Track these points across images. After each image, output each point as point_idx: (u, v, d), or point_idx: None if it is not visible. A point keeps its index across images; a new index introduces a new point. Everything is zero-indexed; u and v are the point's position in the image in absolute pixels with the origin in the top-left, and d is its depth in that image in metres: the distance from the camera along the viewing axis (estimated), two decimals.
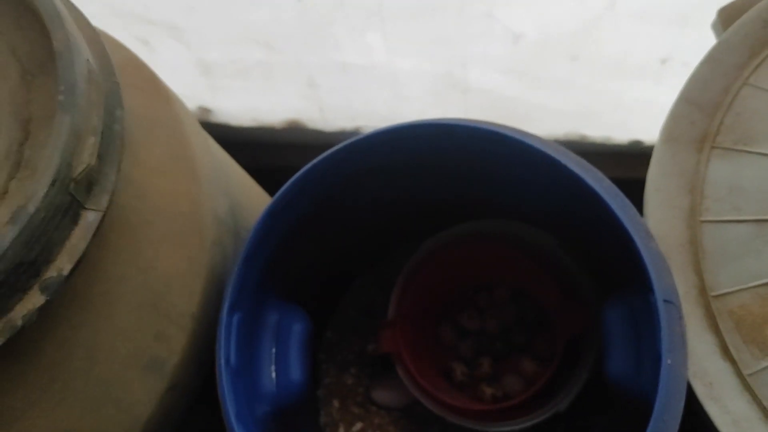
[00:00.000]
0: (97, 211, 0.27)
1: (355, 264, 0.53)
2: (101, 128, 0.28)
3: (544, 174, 0.36)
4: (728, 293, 0.33)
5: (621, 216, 0.33)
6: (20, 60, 0.29)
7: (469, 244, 0.49)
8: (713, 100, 0.37)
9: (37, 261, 0.26)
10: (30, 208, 0.25)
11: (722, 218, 0.34)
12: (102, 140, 0.28)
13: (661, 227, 0.35)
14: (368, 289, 0.54)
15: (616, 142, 0.60)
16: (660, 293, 0.31)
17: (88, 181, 0.28)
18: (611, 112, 0.55)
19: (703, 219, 0.35)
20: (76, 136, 0.27)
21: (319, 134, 0.60)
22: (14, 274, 0.26)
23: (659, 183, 0.36)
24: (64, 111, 0.27)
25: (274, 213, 0.36)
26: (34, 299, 0.27)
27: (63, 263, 0.27)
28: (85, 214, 0.27)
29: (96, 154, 0.28)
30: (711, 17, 0.42)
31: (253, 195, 0.49)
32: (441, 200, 0.46)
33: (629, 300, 0.35)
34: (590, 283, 0.44)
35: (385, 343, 0.47)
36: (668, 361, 0.31)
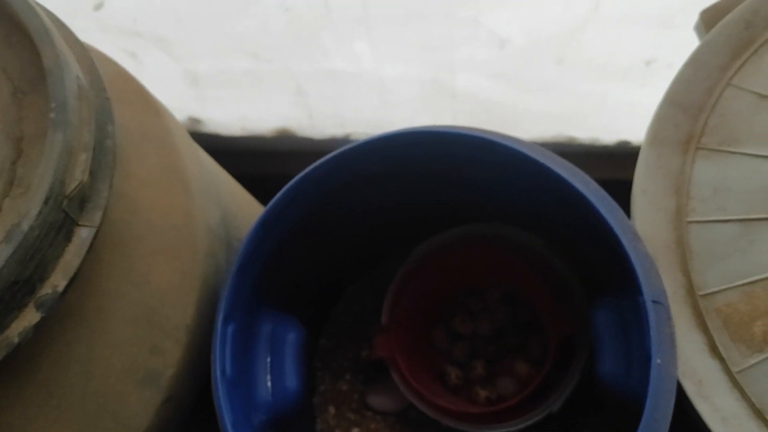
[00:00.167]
0: (90, 227, 0.28)
1: (348, 271, 0.53)
2: (93, 144, 0.28)
3: (531, 178, 0.36)
4: (715, 292, 0.34)
5: (609, 218, 0.33)
6: (11, 78, 0.30)
7: (461, 248, 0.49)
8: (697, 101, 0.38)
9: (31, 278, 0.26)
10: (24, 227, 0.25)
11: (708, 218, 0.35)
12: (94, 156, 0.28)
13: (648, 228, 0.36)
14: (362, 295, 0.54)
15: (604, 143, 0.60)
16: (648, 294, 0.32)
17: (81, 198, 0.28)
18: (598, 114, 0.55)
19: (690, 219, 0.35)
20: (69, 153, 0.27)
21: (309, 142, 0.60)
22: (9, 292, 0.26)
23: (645, 185, 0.37)
24: (55, 129, 0.27)
25: (266, 223, 0.36)
26: (30, 316, 0.27)
27: (57, 280, 0.27)
28: (78, 231, 0.28)
29: (88, 170, 0.28)
30: (694, 19, 0.43)
31: (245, 205, 0.49)
32: (433, 205, 0.46)
33: (618, 301, 0.36)
34: (580, 284, 0.44)
35: (380, 348, 0.47)
36: (658, 361, 0.31)
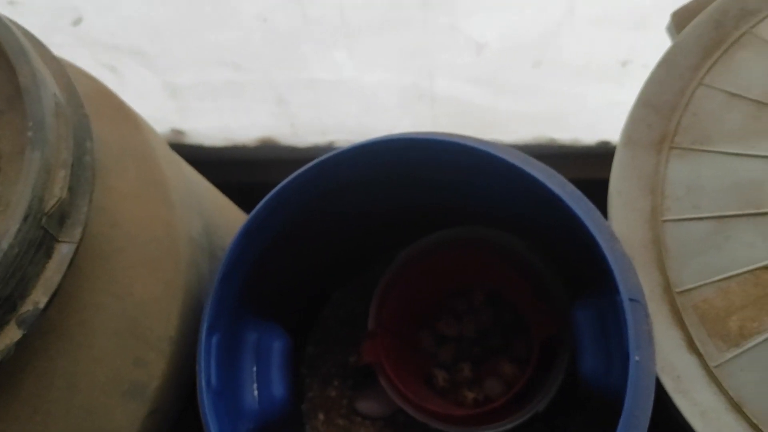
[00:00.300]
0: (70, 243, 0.28)
1: (334, 277, 0.53)
2: (71, 161, 0.28)
3: (509, 182, 0.37)
4: (692, 289, 0.34)
5: (585, 220, 0.34)
6: None
7: (444, 251, 0.49)
8: (670, 101, 0.38)
9: (12, 296, 0.27)
10: (3, 245, 0.26)
11: (683, 217, 0.35)
12: (73, 173, 0.29)
13: (624, 228, 0.36)
14: (348, 300, 0.54)
15: (585, 143, 0.61)
16: (625, 293, 0.32)
17: (61, 215, 0.28)
18: (577, 115, 0.56)
19: (665, 218, 0.36)
20: (47, 170, 0.28)
21: (292, 150, 0.60)
22: None
23: (621, 186, 0.37)
24: (33, 147, 0.27)
25: (248, 233, 0.36)
26: (12, 334, 0.27)
27: (39, 297, 0.27)
28: (58, 247, 0.28)
29: (67, 187, 0.28)
30: (667, 20, 0.43)
31: (228, 214, 0.50)
32: (415, 210, 0.46)
33: (598, 301, 0.36)
34: (561, 284, 0.45)
35: (366, 354, 0.48)
36: (636, 358, 0.32)
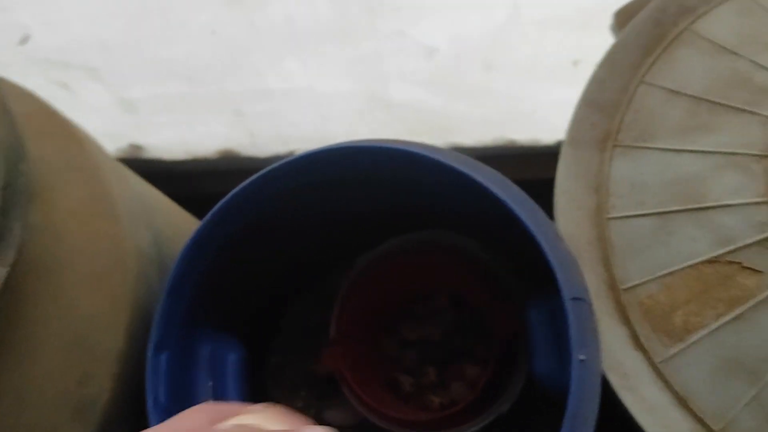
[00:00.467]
0: (2, 267, 0.28)
1: (295, 285, 0.53)
2: (2, 185, 0.28)
3: (455, 186, 0.37)
4: (636, 285, 0.34)
5: (527, 221, 0.34)
6: None
7: (402, 256, 0.50)
8: (612, 100, 0.38)
9: None
10: None
11: (627, 214, 0.36)
12: (5, 196, 0.28)
13: (570, 227, 0.36)
14: (310, 308, 0.54)
15: (544, 143, 0.61)
16: (567, 292, 0.32)
17: None
18: (534, 116, 0.56)
19: (609, 216, 0.36)
20: None
21: (253, 161, 0.60)
22: None
23: (566, 185, 0.37)
24: None
25: (195, 246, 0.36)
26: None
27: None
28: None
29: None
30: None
31: (183, 226, 0.49)
32: (372, 216, 0.46)
33: (549, 300, 0.36)
34: (518, 284, 0.45)
35: (327, 362, 0.48)
36: (581, 357, 0.32)
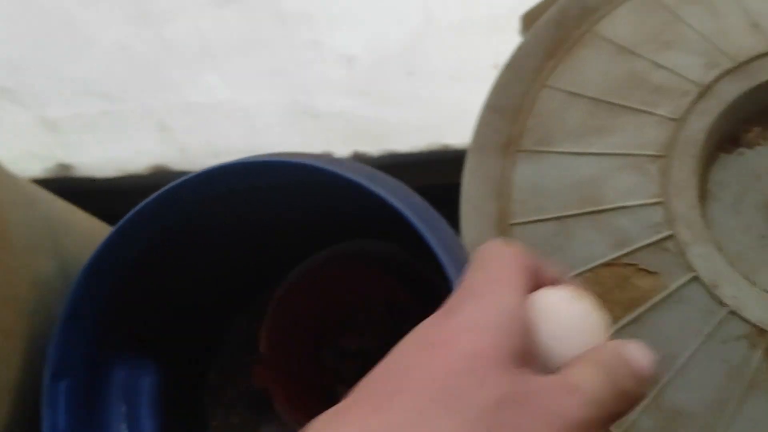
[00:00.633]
0: None
1: (233, 301, 0.53)
2: None
3: (361, 198, 0.36)
4: None
5: (425, 231, 0.33)
6: None
7: (332, 267, 0.49)
8: (515, 105, 0.38)
9: None
10: None
11: (528, 219, 0.35)
12: None
13: (474, 234, 0.36)
14: (249, 325, 0.54)
15: None
16: None
17: None
18: (464, 119, 0.56)
19: (512, 222, 0.36)
20: None
21: (186, 175, 0.59)
22: None
23: (470, 192, 0.37)
24: None
25: (92, 271, 0.36)
26: None
27: None
28: None
29: None
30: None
31: None
32: (296, 229, 0.46)
33: None
34: (448, 289, 0.45)
35: (257, 379, 0.47)
36: None
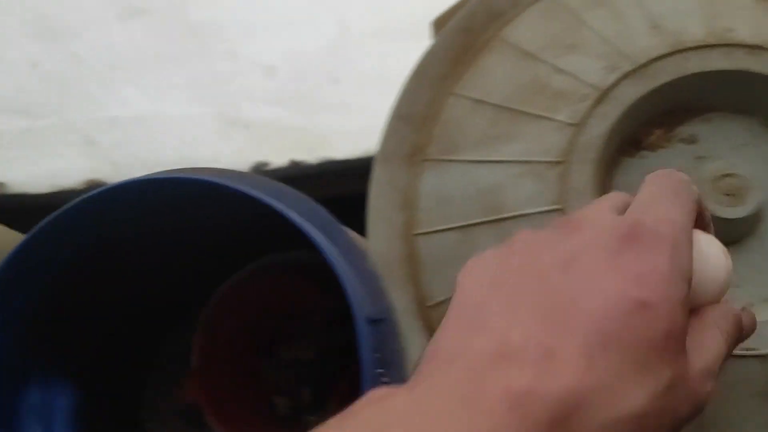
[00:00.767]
0: None
1: (162, 316, 0.52)
2: None
3: (264, 211, 0.36)
4: (442, 302, 0.34)
5: (323, 244, 0.33)
6: None
7: (265, 278, 0.49)
8: (422, 113, 0.38)
9: None
10: None
11: (433, 229, 0.35)
12: None
13: (381, 245, 0.36)
14: (184, 338, 0.53)
15: None
16: (361, 315, 0.31)
17: None
18: None
19: (417, 232, 0.35)
20: None
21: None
22: None
23: (377, 202, 0.37)
24: None
25: None
26: None
27: None
28: None
29: None
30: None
31: None
32: (225, 242, 0.46)
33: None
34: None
35: (188, 393, 0.47)
36: (383, 379, 0.31)
